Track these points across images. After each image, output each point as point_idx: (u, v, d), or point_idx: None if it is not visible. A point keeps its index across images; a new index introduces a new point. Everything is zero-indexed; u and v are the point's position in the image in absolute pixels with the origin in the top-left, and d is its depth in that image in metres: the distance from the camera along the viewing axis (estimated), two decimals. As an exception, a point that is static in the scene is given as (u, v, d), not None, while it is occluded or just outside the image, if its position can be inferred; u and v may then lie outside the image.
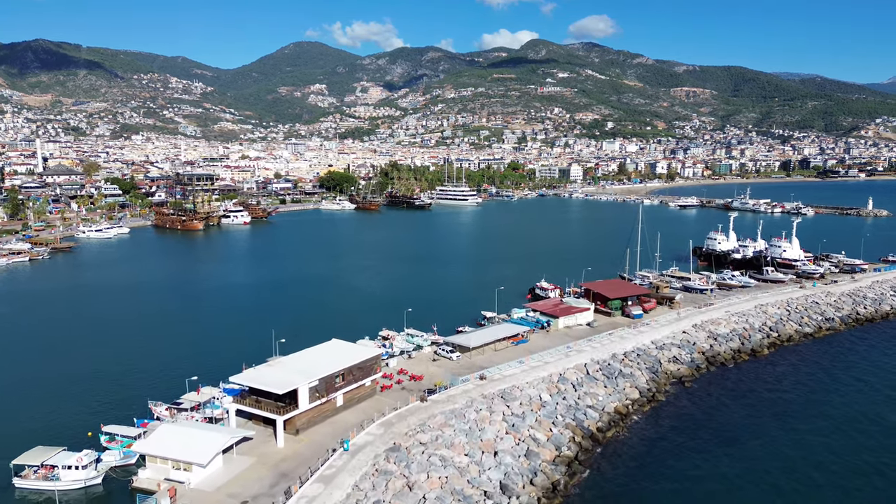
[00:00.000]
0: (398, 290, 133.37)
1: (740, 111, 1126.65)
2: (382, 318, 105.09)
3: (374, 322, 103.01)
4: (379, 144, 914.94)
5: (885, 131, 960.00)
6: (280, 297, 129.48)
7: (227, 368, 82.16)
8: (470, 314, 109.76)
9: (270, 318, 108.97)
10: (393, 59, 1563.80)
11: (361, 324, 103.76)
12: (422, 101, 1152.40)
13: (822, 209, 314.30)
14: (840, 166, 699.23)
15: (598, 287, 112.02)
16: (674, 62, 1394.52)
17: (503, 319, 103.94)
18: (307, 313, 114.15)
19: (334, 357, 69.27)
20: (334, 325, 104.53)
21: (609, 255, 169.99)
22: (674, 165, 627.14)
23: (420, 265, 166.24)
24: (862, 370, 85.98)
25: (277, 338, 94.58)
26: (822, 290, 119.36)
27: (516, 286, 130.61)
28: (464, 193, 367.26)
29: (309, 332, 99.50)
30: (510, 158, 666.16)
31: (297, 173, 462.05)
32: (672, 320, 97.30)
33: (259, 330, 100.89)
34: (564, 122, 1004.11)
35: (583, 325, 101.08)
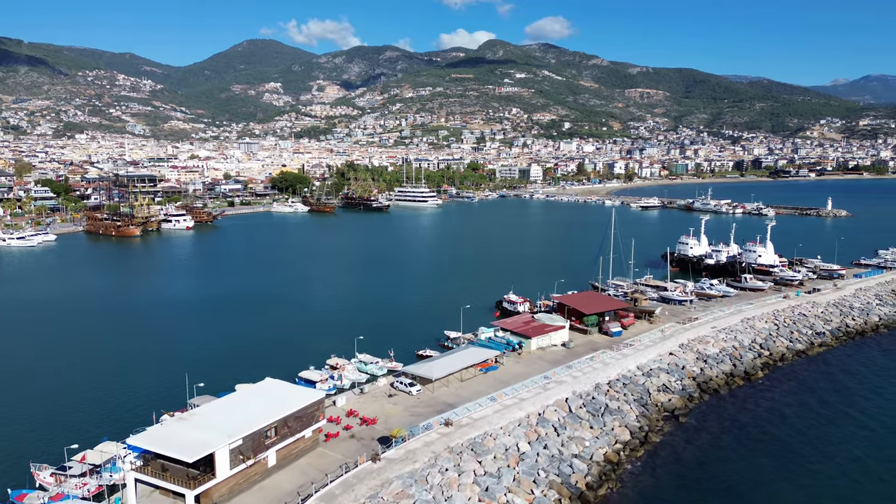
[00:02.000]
0: (351, 306, 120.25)
1: (692, 112, 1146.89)
2: (331, 342, 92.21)
3: (322, 347, 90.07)
4: (336, 144, 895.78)
5: (829, 132, 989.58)
6: (214, 318, 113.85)
7: (139, 414, 68.39)
8: (432, 334, 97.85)
9: (197, 348, 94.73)
10: (350, 58, 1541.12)
11: (306, 350, 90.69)
12: (379, 101, 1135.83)
13: (782, 210, 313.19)
14: (791, 166, 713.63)
15: (572, 301, 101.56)
16: (628, 64, 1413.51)
17: (469, 341, 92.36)
18: (243, 338, 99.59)
19: (267, 404, 56.42)
20: (274, 351, 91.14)
21: (579, 262, 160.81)
22: (631, 166, 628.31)
23: (377, 275, 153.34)
24: (860, 397, 77.67)
25: (204, 372, 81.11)
26: (808, 301, 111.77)
27: (482, 299, 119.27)
28: (423, 195, 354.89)
29: (243, 363, 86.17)
30: (469, 158, 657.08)
31: (248, 174, 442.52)
32: (657, 340, 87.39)
33: (183, 363, 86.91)
34: (522, 122, 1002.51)
35: (558, 345, 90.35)
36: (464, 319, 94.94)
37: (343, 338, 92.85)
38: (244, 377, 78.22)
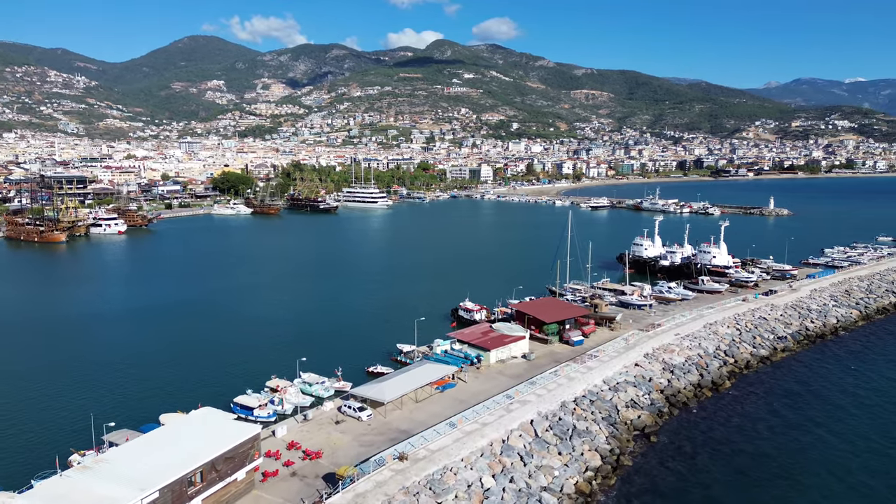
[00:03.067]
0: (295, 318, 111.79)
1: (635, 113, 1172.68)
2: (272, 360, 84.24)
3: (261, 366, 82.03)
4: (282, 143, 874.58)
5: (763, 133, 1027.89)
6: (141, 333, 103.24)
7: (43, 456, 59.18)
8: (383, 347, 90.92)
9: (119, 370, 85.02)
10: (296, 56, 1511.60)
11: (244, 369, 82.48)
12: (327, 99, 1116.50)
13: (727, 209, 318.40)
14: (731, 166, 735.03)
15: (531, 309, 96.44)
16: (573, 65, 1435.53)
17: (424, 355, 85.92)
18: (173, 357, 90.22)
19: (193, 443, 48.62)
20: (208, 372, 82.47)
21: (534, 265, 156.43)
22: (579, 166, 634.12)
23: (324, 282, 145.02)
24: (830, 406, 75.40)
25: (125, 398, 72.42)
26: (766, 303, 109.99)
27: (437, 307, 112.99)
28: (373, 195, 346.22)
29: (172, 386, 77.37)
30: (419, 158, 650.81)
31: (188, 174, 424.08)
32: (621, 350, 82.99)
33: (102, 388, 77.62)
34: (471, 122, 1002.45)
35: (518, 357, 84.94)
36: (418, 331, 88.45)
37: (285, 355, 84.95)
38: (172, 404, 69.95)
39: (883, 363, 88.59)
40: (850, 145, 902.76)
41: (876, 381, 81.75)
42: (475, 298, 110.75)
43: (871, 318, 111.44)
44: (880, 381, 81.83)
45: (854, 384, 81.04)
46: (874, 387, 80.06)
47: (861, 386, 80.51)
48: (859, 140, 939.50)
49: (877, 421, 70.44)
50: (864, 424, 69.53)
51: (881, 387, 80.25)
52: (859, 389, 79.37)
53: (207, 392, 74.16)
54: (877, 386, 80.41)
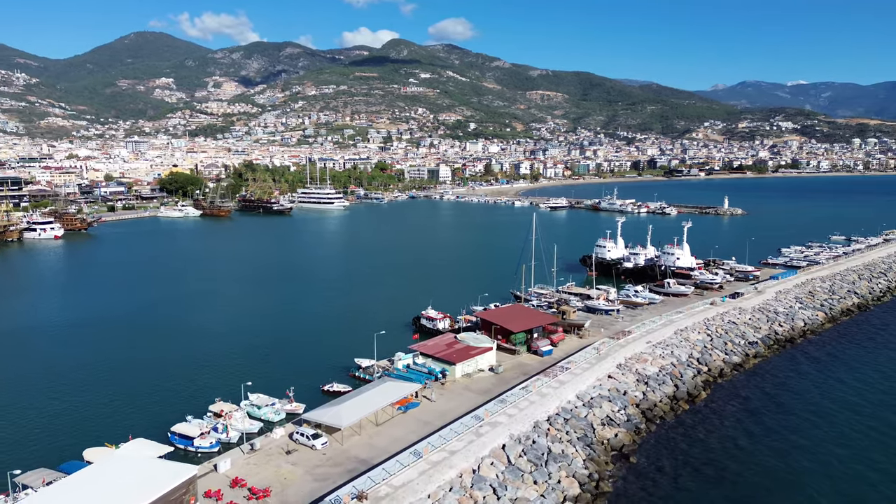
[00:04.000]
0: (243, 331, 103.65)
1: (589, 114, 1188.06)
2: (217, 380, 77.02)
3: (204, 387, 74.75)
4: (234, 143, 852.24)
5: (712, 133, 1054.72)
6: (70, 352, 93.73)
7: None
8: (340, 362, 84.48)
9: (43, 396, 76.34)
10: (248, 54, 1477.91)
11: (184, 392, 74.97)
12: (281, 98, 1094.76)
13: (683, 208, 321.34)
14: (683, 166, 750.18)
15: (497, 317, 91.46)
16: (529, 66, 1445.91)
17: (384, 370, 79.92)
18: (106, 378, 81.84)
19: (114, 492, 41.62)
20: (145, 396, 74.52)
21: (498, 268, 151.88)
22: (536, 166, 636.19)
23: (276, 290, 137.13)
24: (805, 417, 72.89)
25: (48, 428, 64.47)
26: (734, 307, 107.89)
27: (398, 315, 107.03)
28: (329, 196, 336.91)
29: (103, 414, 69.40)
30: (377, 158, 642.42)
31: (134, 175, 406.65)
32: (593, 360, 78.70)
33: (23, 417, 69.21)
34: (429, 122, 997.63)
35: (485, 370, 79.84)
36: (378, 343, 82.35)
37: (232, 373, 77.86)
38: (100, 435, 62.22)
39: (854, 370, 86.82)
40: (794, 146, 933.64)
41: (849, 390, 79.63)
42: (438, 305, 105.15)
43: (836, 320, 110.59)
44: (854, 390, 79.74)
45: (828, 394, 78.72)
46: (848, 397, 77.86)
47: (834, 396, 78.22)
48: (802, 141, 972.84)
49: (854, 434, 67.85)
50: (840, 437, 66.82)
51: (856, 397, 78.10)
52: (833, 400, 77.04)
53: (142, 419, 66.56)
54: (851, 396, 78.23)
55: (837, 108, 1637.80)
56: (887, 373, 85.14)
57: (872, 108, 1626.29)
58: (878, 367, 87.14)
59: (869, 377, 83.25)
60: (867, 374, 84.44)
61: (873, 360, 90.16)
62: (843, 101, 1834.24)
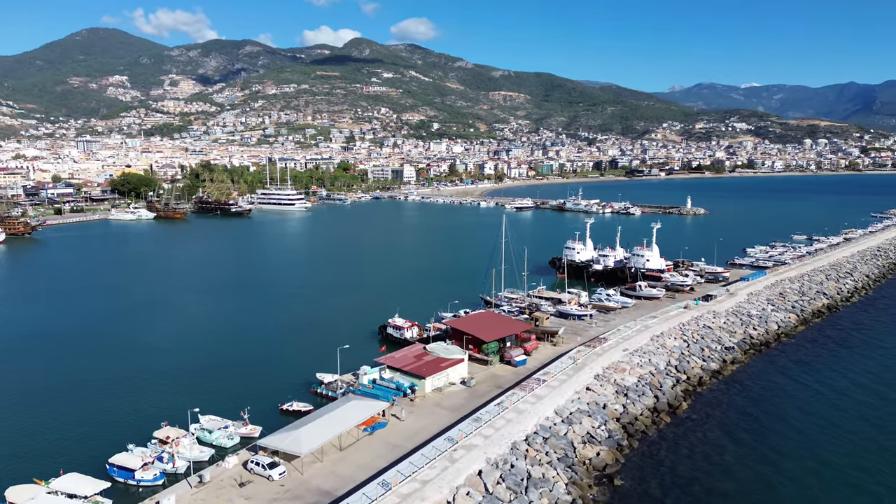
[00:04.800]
0: (195, 345, 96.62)
1: (551, 115, 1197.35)
2: (164, 401, 70.55)
3: (149, 412, 68.18)
4: (192, 142, 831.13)
5: (670, 134, 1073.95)
6: (2, 372, 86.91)
7: None
8: (301, 378, 78.76)
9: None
10: (206, 52, 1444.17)
11: (126, 417, 68.23)
12: (240, 97, 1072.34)
13: (647, 208, 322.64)
14: (644, 166, 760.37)
15: (468, 326, 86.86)
16: (491, 67, 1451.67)
17: (348, 385, 74.52)
18: (39, 402, 74.31)
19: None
20: (82, 422, 67.49)
21: (466, 272, 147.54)
22: (500, 166, 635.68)
23: (232, 298, 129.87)
24: (785, 427, 70.53)
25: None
26: (707, 310, 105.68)
27: (363, 324, 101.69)
28: (290, 197, 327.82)
29: (34, 444, 62.27)
30: (339, 158, 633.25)
31: (85, 175, 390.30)
32: (569, 371, 74.81)
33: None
34: (392, 122, 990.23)
35: (456, 384, 75.23)
36: (341, 356, 76.85)
37: (180, 394, 71.48)
38: (29, 469, 55.43)
39: (832, 378, 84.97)
40: (749, 146, 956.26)
41: (828, 400, 77.55)
42: (406, 313, 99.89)
43: (808, 322, 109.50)
44: (832, 400, 77.72)
45: (807, 404, 76.51)
46: (827, 408, 75.79)
47: (814, 406, 76.06)
48: (756, 141, 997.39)
49: (837, 442, 65.49)
50: (824, 446, 64.37)
51: (835, 407, 76.06)
52: (812, 411, 74.84)
53: (77, 450, 59.90)
54: (830, 407, 76.15)
55: (788, 109, 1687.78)
56: (863, 381, 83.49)
57: (822, 109, 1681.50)
58: (853, 374, 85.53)
59: (846, 386, 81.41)
60: (844, 383, 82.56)
61: (849, 366, 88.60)
62: (793, 103, 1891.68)
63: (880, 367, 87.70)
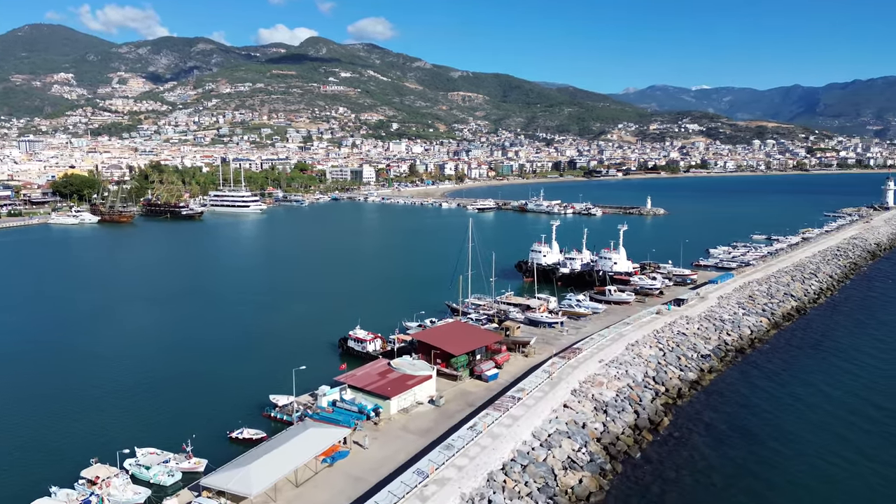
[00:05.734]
0: (132, 366, 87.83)
1: (510, 116, 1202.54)
2: (94, 434, 62.84)
3: (76, 446, 60.38)
4: (142, 142, 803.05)
5: (625, 135, 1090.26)
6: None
7: None
8: (253, 400, 71.83)
9: None
10: (157, 49, 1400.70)
11: (49, 454, 60.24)
12: (193, 96, 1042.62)
13: (608, 209, 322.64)
14: (601, 166, 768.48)
15: (435, 338, 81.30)
16: (450, 68, 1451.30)
17: (305, 408, 67.98)
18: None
19: None
20: (2, 459, 59.36)
21: (430, 277, 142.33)
22: (461, 167, 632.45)
23: (176, 310, 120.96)
24: (769, 440, 67.56)
25: None
26: (680, 315, 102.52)
27: (321, 337, 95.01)
28: (244, 199, 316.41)
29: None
30: (296, 158, 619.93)
31: (24, 177, 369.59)
32: (545, 387, 69.95)
33: None
34: (350, 121, 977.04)
35: (424, 403, 69.56)
36: (298, 374, 70.26)
37: (114, 423, 63.91)
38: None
39: (808, 385, 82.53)
40: (701, 146, 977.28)
41: (805, 407, 74.84)
42: (367, 324, 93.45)
43: (779, 325, 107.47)
44: (812, 407, 75.03)
45: (788, 413, 73.56)
46: (806, 414, 73.10)
47: (795, 415, 73.19)
48: (708, 142, 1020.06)
49: (822, 461, 62.36)
50: (808, 459, 61.15)
51: (816, 414, 73.33)
52: (794, 420, 71.93)
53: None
54: (809, 412, 73.48)
55: (737, 111, 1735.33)
56: (840, 385, 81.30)
57: (768, 111, 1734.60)
58: (830, 383, 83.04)
59: (825, 398, 78.62)
60: (821, 388, 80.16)
61: (826, 375, 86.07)
62: (742, 105, 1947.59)
63: (855, 376, 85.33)
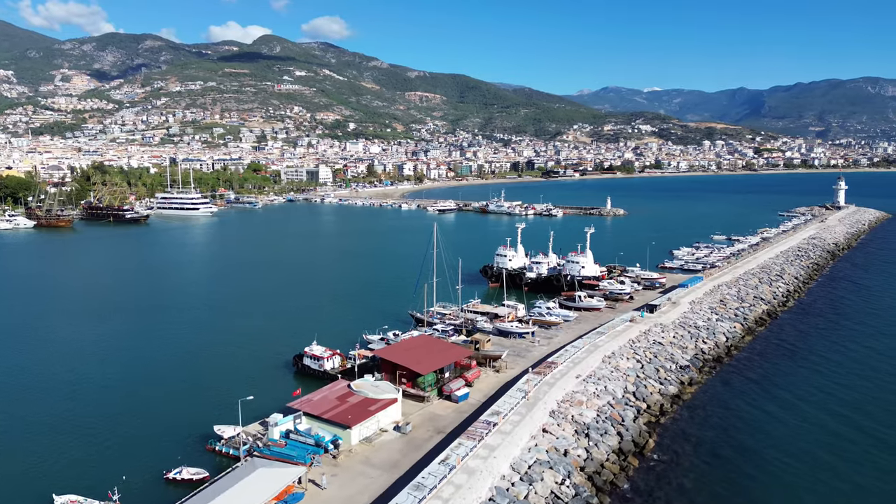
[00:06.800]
0: (53, 394, 77.73)
1: (467, 116, 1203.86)
2: (8, 478, 53.83)
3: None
4: (87, 142, 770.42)
5: (581, 136, 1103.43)
6: None
7: None
8: (193, 430, 63.75)
9: None
10: (102, 46, 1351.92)
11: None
12: (141, 94, 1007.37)
13: (568, 209, 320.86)
14: (559, 167, 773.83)
15: (398, 355, 74.59)
16: (407, 67, 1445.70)
17: (254, 440, 60.32)
18: None
19: None
20: None
21: (392, 284, 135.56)
22: (420, 167, 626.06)
23: (111, 325, 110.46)
24: (760, 460, 63.30)
25: None
26: (654, 323, 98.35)
27: (273, 354, 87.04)
28: (193, 201, 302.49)
29: None
30: (250, 158, 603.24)
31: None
32: (522, 410, 63.99)
33: None
34: (306, 121, 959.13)
35: (389, 430, 62.82)
36: (247, 401, 62.56)
37: (30, 465, 54.94)
38: None
39: (790, 395, 79.08)
40: (654, 147, 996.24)
41: (790, 419, 71.13)
42: (325, 339, 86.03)
43: (753, 331, 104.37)
44: (795, 419, 71.39)
45: (773, 427, 69.59)
46: (792, 428, 69.39)
47: (778, 428, 69.34)
48: (661, 143, 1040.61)
49: (819, 484, 58.32)
50: (798, 476, 57.02)
51: (802, 427, 69.66)
52: (778, 433, 68.02)
53: None
54: (795, 425, 69.79)
55: (687, 112, 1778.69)
56: (821, 398, 77.90)
57: (716, 113, 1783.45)
58: (809, 392, 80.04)
59: (806, 404, 75.48)
60: (803, 401, 76.54)
61: (804, 381, 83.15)
62: (691, 107, 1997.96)
63: (833, 382, 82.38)
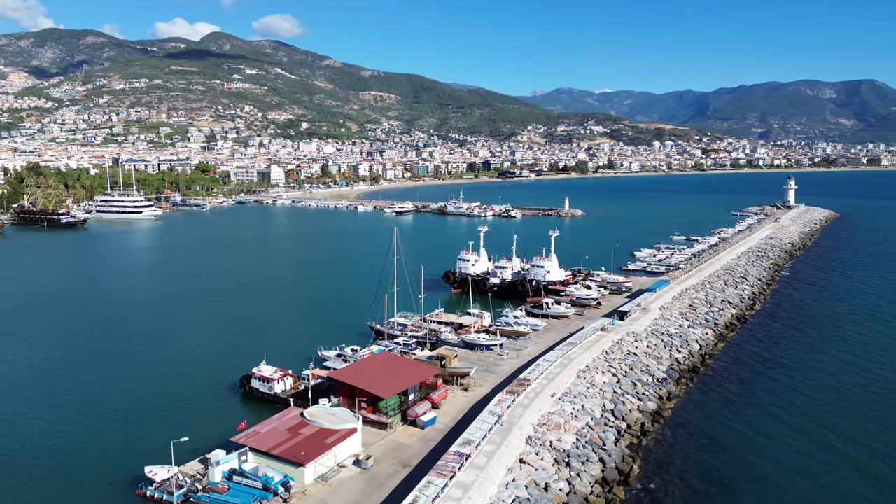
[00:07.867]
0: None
1: (422, 116, 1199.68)
2: None
3: None
4: (24, 142, 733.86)
5: (535, 137, 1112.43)
6: None
7: None
8: (120, 473, 55.34)
9: None
10: (41, 41, 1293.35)
11: None
12: (82, 92, 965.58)
13: (527, 210, 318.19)
14: (514, 167, 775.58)
15: (357, 377, 67.50)
16: (360, 67, 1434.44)
17: (192, 482, 52.44)
18: None
19: None
20: None
21: (349, 293, 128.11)
22: (375, 167, 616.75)
23: (34, 347, 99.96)
24: (747, 484, 58.70)
25: None
26: (626, 332, 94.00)
27: (217, 377, 78.73)
28: (136, 204, 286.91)
29: None
30: (198, 159, 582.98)
31: None
32: (496, 438, 57.91)
33: None
34: (257, 120, 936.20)
35: (348, 465, 55.86)
36: (185, 433, 54.61)
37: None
38: None
39: (770, 407, 75.55)
40: (606, 147, 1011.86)
41: (775, 439, 67.33)
42: (275, 358, 78.20)
43: (725, 337, 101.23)
44: (782, 433, 67.75)
45: (757, 446, 65.61)
46: (779, 442, 65.66)
47: (765, 447, 65.36)
48: (612, 143, 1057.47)
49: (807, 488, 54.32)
50: None
51: (792, 440, 65.93)
52: (764, 453, 63.99)
53: None
54: (782, 439, 66.06)
55: (637, 114, 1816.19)
56: (798, 407, 74.64)
57: (665, 114, 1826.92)
58: (786, 400, 76.83)
59: (785, 415, 72.08)
60: (782, 412, 73.12)
61: (780, 390, 79.89)
62: (641, 108, 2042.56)
63: (814, 388, 79.70)
